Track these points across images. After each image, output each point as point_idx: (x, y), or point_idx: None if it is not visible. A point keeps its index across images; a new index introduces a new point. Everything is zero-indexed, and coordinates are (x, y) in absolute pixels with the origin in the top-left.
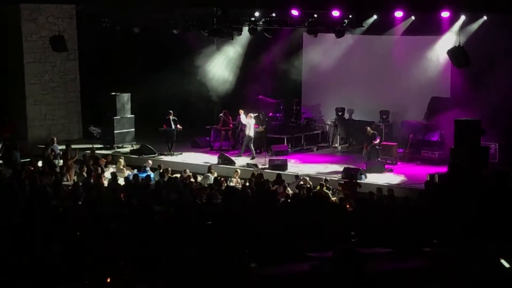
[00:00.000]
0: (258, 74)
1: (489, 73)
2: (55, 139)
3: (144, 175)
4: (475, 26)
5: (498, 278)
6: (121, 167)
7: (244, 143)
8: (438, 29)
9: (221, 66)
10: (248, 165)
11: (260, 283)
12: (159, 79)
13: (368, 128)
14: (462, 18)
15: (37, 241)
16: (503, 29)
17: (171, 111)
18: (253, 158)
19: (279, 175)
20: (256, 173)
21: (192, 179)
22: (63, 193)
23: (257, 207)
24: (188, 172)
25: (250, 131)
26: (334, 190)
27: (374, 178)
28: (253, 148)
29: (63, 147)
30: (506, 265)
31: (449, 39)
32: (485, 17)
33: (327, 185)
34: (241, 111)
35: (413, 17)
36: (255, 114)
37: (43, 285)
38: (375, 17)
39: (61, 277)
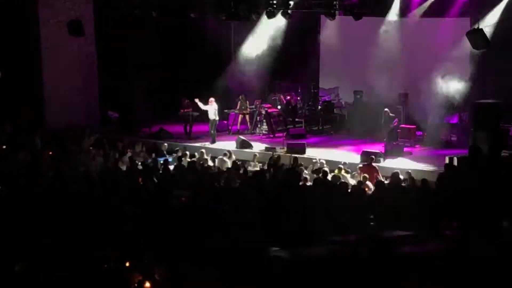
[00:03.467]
0: (277, 58)
1: (508, 56)
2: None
3: (162, 159)
4: (495, 8)
5: None
6: (139, 151)
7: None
8: (456, 11)
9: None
10: (266, 148)
11: (280, 266)
12: (177, 63)
13: (387, 110)
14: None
15: (55, 226)
16: None
17: (185, 98)
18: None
19: (295, 159)
20: (275, 157)
21: (210, 163)
22: (81, 177)
23: (277, 191)
24: (206, 156)
25: (211, 115)
26: (353, 173)
27: (392, 161)
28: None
29: (81, 131)
30: None
31: (467, 21)
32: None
33: (346, 168)
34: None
35: None
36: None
37: (61, 268)
38: None
39: (80, 261)
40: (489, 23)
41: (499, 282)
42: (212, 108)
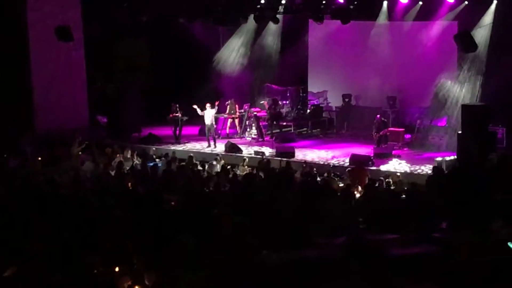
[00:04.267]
0: (264, 62)
1: (496, 58)
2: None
3: (151, 163)
4: (483, 11)
5: (508, 262)
6: (128, 156)
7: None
8: (443, 15)
9: (227, 54)
10: (255, 152)
11: (270, 269)
12: (166, 67)
13: (380, 117)
14: (465, 3)
15: (45, 231)
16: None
17: (175, 103)
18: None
19: (288, 163)
20: (263, 161)
21: (199, 167)
22: (70, 182)
23: (267, 194)
24: (195, 160)
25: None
26: (342, 176)
27: (381, 164)
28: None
29: (70, 136)
30: None
31: (455, 25)
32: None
33: (335, 171)
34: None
35: (420, 2)
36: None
37: (51, 273)
38: (381, 3)
39: (70, 266)
40: (481, 25)
41: (488, 284)
42: (207, 113)
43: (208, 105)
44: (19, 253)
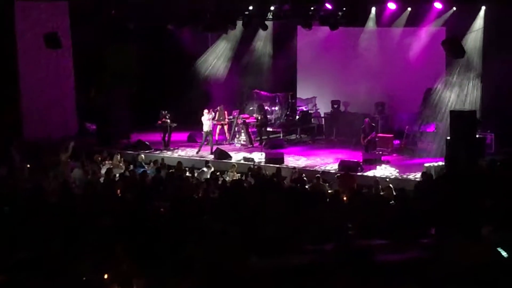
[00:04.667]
0: (253, 68)
1: (483, 63)
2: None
3: (140, 170)
4: (471, 17)
5: (496, 267)
6: (117, 163)
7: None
8: (431, 21)
9: (216, 60)
10: (245, 159)
11: (259, 276)
12: (154, 74)
13: (368, 120)
14: (453, 9)
15: (34, 238)
16: (499, 18)
17: (164, 110)
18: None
19: (279, 169)
20: (254, 167)
21: (188, 174)
22: (59, 189)
23: (256, 200)
24: (183, 166)
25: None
26: (331, 182)
27: (370, 170)
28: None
29: (59, 143)
30: (504, 254)
31: (442, 31)
32: (484, 8)
33: (324, 177)
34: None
35: (409, 9)
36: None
37: (40, 281)
38: (369, 9)
39: (59, 273)
40: (472, 30)
41: None
42: (204, 120)
43: (205, 111)
44: (7, 262)
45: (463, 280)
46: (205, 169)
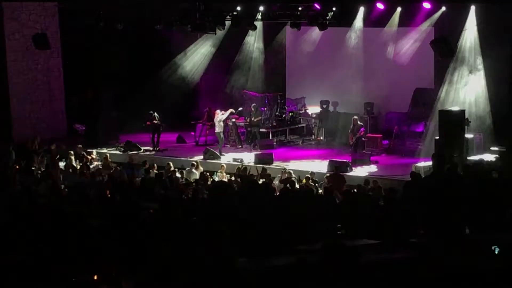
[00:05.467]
0: (242, 68)
1: (473, 65)
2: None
3: (129, 171)
4: (461, 17)
5: (487, 266)
6: (107, 163)
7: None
8: (419, 21)
9: (204, 61)
10: (234, 159)
11: (248, 277)
12: (143, 75)
13: (356, 118)
14: (443, 9)
15: (24, 240)
16: (488, 18)
17: (152, 112)
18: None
19: (264, 169)
20: (241, 168)
21: (177, 174)
22: (47, 191)
23: (245, 201)
24: (172, 167)
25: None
26: (320, 183)
27: (359, 170)
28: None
29: (48, 145)
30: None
31: (430, 31)
32: (473, 7)
33: (313, 178)
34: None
35: (399, 8)
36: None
37: (29, 282)
38: (357, 9)
39: (48, 275)
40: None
41: None
42: (217, 121)
43: (217, 111)
44: None
45: (451, 280)
46: (193, 170)
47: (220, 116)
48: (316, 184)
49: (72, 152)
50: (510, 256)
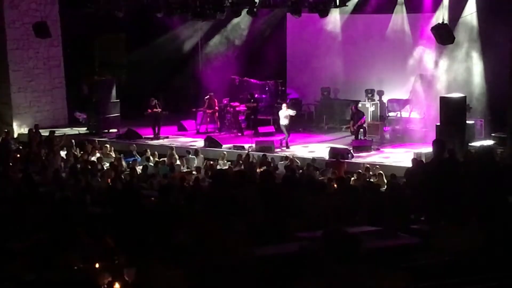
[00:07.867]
0: (243, 56)
1: (473, 51)
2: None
3: (130, 159)
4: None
5: (485, 253)
6: (107, 152)
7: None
8: (422, 7)
9: (206, 48)
10: (234, 147)
11: (251, 264)
12: (143, 62)
13: (354, 106)
14: None
15: (25, 229)
16: (490, 7)
17: (153, 98)
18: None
19: (264, 156)
20: (243, 155)
21: (178, 162)
22: (50, 179)
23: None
24: (175, 155)
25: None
26: (321, 170)
27: (360, 157)
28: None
29: (49, 133)
30: None
31: (433, 17)
32: None
33: (314, 165)
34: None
35: None
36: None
37: (29, 271)
38: None
39: (49, 263)
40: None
41: (464, 274)
42: (281, 114)
43: (283, 105)
44: None
45: (452, 267)
46: (193, 157)
47: (285, 112)
48: (318, 171)
49: (73, 141)
50: (510, 242)
